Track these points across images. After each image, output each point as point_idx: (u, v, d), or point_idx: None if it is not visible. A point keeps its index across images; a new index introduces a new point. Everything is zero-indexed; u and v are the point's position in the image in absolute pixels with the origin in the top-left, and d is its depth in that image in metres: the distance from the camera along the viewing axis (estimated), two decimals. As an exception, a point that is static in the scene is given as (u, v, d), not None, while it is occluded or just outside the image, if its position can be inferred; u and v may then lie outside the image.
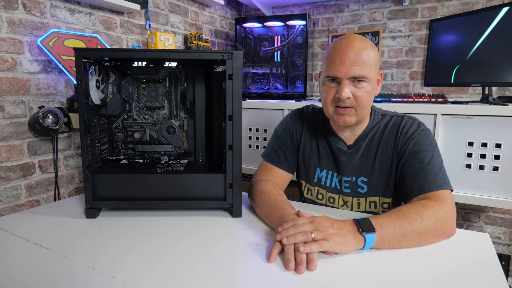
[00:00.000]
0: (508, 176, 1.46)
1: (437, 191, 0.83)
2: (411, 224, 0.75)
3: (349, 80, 0.90)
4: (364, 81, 0.90)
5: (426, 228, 0.75)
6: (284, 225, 0.74)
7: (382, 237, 0.73)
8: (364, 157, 1.00)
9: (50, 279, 0.63)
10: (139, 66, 1.03)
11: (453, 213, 0.80)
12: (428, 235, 0.76)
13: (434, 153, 0.90)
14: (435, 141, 0.93)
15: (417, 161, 0.90)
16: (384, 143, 0.97)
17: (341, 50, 0.90)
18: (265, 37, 2.32)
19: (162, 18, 2.08)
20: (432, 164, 0.88)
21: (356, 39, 0.91)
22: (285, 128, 1.12)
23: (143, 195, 0.93)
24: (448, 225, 0.78)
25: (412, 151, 0.92)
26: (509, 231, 2.09)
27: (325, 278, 0.63)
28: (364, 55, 0.88)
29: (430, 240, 0.77)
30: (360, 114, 0.93)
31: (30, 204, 1.47)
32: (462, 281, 0.63)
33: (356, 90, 0.90)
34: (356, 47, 0.89)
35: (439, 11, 2.19)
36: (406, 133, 0.94)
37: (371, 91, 0.92)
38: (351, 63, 0.88)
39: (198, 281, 0.62)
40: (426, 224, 0.75)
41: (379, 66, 0.96)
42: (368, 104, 0.93)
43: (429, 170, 0.87)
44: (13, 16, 1.37)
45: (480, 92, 2.06)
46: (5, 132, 1.37)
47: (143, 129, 1.06)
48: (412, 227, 0.75)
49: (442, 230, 0.77)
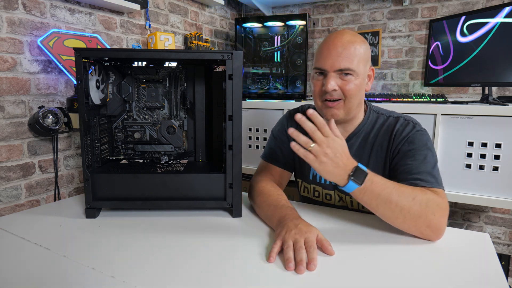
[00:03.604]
0: (508, 176, 1.46)
1: (430, 188, 0.82)
2: (400, 198, 0.76)
3: (336, 73, 0.90)
4: (351, 74, 0.90)
5: (410, 209, 0.75)
6: (306, 121, 0.77)
7: (366, 190, 0.76)
8: (357, 156, 0.99)
9: (50, 279, 0.63)
10: (139, 66, 1.03)
11: (446, 212, 0.78)
12: (409, 216, 0.75)
13: (428, 153, 0.89)
14: (430, 141, 0.92)
15: (410, 159, 0.89)
16: (379, 143, 0.97)
17: (329, 42, 0.91)
18: (265, 37, 2.31)
19: (162, 18, 2.08)
20: (425, 164, 0.86)
21: (346, 33, 0.91)
22: (281, 127, 1.12)
23: (143, 195, 0.93)
24: (435, 219, 0.76)
25: (406, 150, 0.91)
26: (509, 231, 2.09)
27: (325, 278, 0.63)
28: (352, 48, 0.88)
29: (409, 223, 0.76)
30: (348, 107, 0.93)
31: (30, 204, 1.47)
32: (462, 281, 0.63)
33: (343, 83, 0.90)
34: (344, 40, 0.89)
35: (439, 11, 2.19)
36: (401, 133, 0.93)
37: (359, 85, 0.91)
38: (338, 55, 0.88)
39: (198, 281, 0.62)
40: (413, 205, 0.75)
41: (370, 62, 0.96)
42: (357, 97, 0.93)
43: (422, 168, 0.86)
44: (13, 16, 1.36)
45: (480, 92, 2.06)
46: (5, 132, 1.37)
47: (143, 129, 1.06)
48: (398, 200, 0.75)
49: (426, 220, 0.76)
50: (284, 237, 0.72)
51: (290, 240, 0.71)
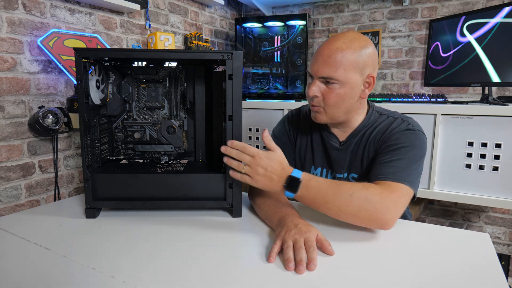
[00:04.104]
0: (508, 176, 1.46)
1: (392, 182, 0.81)
2: (335, 196, 0.77)
3: (320, 80, 0.90)
4: (335, 83, 0.88)
5: (349, 205, 0.76)
6: (231, 143, 0.82)
7: (302, 196, 0.79)
8: (353, 153, 1.00)
9: (50, 279, 0.63)
10: (139, 66, 1.03)
11: (392, 206, 0.77)
12: (349, 212, 0.77)
13: (410, 152, 0.87)
14: (422, 143, 0.91)
15: (389, 154, 0.88)
16: (372, 140, 0.97)
17: (320, 47, 0.91)
18: (265, 37, 2.32)
19: (162, 18, 2.08)
20: (402, 161, 0.85)
21: (339, 39, 0.89)
22: (282, 128, 1.13)
23: (143, 195, 0.93)
24: (378, 213, 0.75)
25: (389, 145, 0.91)
26: (509, 231, 2.09)
27: (325, 278, 0.63)
28: (339, 56, 0.86)
29: (351, 218, 0.78)
30: (330, 115, 0.93)
31: (30, 204, 1.47)
32: (462, 281, 0.63)
33: (326, 91, 0.90)
34: (333, 47, 0.87)
35: (439, 11, 2.19)
36: (392, 129, 0.93)
37: (343, 94, 0.89)
38: (323, 62, 0.88)
39: (198, 281, 0.62)
40: (351, 201, 0.76)
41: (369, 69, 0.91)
42: (339, 106, 0.91)
43: (396, 163, 0.85)
44: (13, 16, 1.37)
45: (480, 92, 2.06)
46: (5, 132, 1.37)
47: (143, 129, 1.06)
48: (335, 199, 0.77)
49: (367, 214, 0.75)
50: (284, 237, 0.72)
51: (290, 240, 0.71)
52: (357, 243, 0.77)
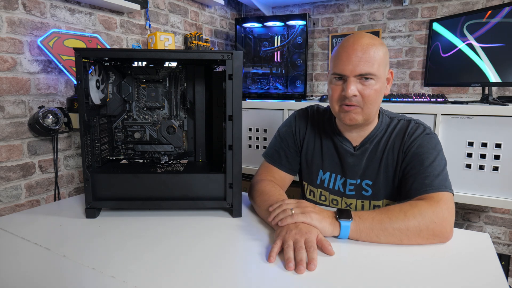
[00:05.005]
0: (508, 176, 1.46)
1: (434, 193, 0.82)
2: (392, 220, 0.75)
3: (356, 78, 0.88)
4: (372, 78, 0.88)
5: (408, 226, 0.75)
6: (273, 206, 0.82)
7: (359, 228, 0.76)
8: (370, 159, 0.98)
9: (50, 279, 0.63)
10: (139, 66, 1.03)
11: (447, 215, 0.77)
12: (411, 234, 0.75)
13: (436, 156, 0.89)
14: (440, 145, 0.92)
15: (418, 163, 0.89)
16: (391, 146, 0.96)
17: (348, 46, 0.88)
18: (265, 37, 2.31)
19: (162, 18, 2.08)
20: (432, 167, 0.86)
21: (365, 36, 0.89)
22: (288, 129, 1.10)
23: (143, 195, 0.93)
24: (438, 226, 0.75)
25: (414, 153, 0.91)
26: (509, 231, 2.09)
27: (325, 278, 0.63)
28: (372, 51, 0.86)
29: (415, 239, 0.76)
30: (366, 113, 0.91)
31: (30, 204, 1.47)
32: (462, 281, 0.63)
33: (363, 88, 0.88)
34: (364, 44, 0.87)
35: (439, 11, 2.19)
36: (411, 136, 0.93)
37: (379, 89, 0.90)
38: (358, 60, 0.86)
39: (198, 281, 0.62)
40: (408, 222, 0.75)
41: (389, 65, 0.94)
42: (376, 102, 0.91)
43: (428, 172, 0.86)
44: (13, 16, 1.36)
45: (480, 92, 2.06)
46: (5, 132, 1.37)
47: (143, 129, 1.06)
48: (392, 223, 0.75)
49: (429, 230, 0.75)
50: (284, 237, 0.72)
51: (290, 240, 0.71)
52: (357, 243, 0.77)
